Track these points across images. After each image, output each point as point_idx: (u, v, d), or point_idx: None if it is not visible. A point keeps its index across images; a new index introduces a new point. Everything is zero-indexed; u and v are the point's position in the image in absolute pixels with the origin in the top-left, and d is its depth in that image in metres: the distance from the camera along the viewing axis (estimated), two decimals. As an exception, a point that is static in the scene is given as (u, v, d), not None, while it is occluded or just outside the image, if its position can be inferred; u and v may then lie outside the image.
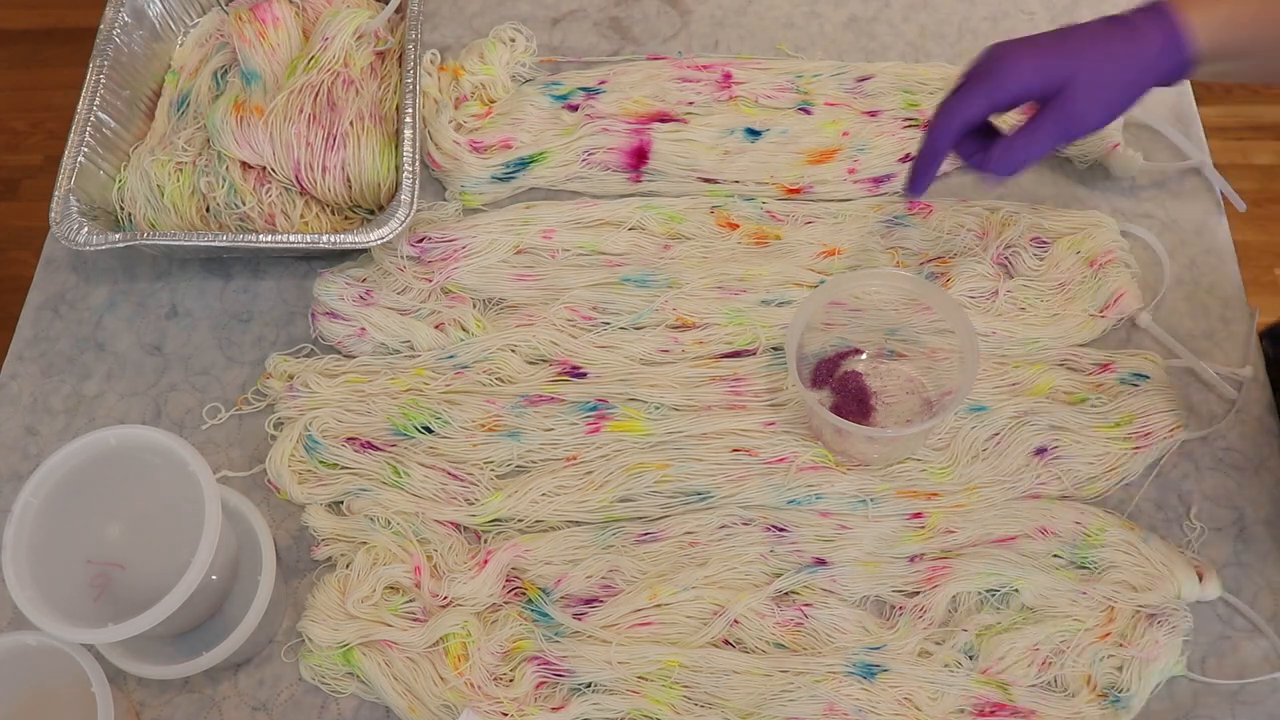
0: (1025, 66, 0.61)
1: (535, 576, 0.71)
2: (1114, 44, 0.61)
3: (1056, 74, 0.61)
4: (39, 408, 0.80)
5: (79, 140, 0.81)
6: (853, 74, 0.90)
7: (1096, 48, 0.61)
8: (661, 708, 0.67)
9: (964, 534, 0.72)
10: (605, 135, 0.86)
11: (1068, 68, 0.61)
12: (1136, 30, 0.61)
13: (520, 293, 0.81)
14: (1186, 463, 0.76)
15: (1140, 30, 0.61)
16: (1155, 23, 0.60)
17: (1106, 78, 0.61)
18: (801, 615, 0.70)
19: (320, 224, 0.83)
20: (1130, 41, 0.61)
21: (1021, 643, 0.68)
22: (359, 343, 0.79)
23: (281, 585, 0.70)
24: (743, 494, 0.73)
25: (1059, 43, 0.61)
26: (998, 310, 0.80)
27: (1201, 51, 0.60)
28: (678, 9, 0.97)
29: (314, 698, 0.70)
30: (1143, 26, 0.61)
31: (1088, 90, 0.61)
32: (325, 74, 0.81)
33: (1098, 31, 0.61)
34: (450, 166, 0.86)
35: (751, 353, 0.79)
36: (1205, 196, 0.86)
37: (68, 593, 0.60)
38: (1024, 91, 0.62)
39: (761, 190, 0.86)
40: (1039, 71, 0.61)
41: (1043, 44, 0.62)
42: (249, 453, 0.78)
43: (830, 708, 0.66)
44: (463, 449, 0.75)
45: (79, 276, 0.86)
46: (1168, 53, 0.60)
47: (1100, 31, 0.61)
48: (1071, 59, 0.61)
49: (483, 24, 0.96)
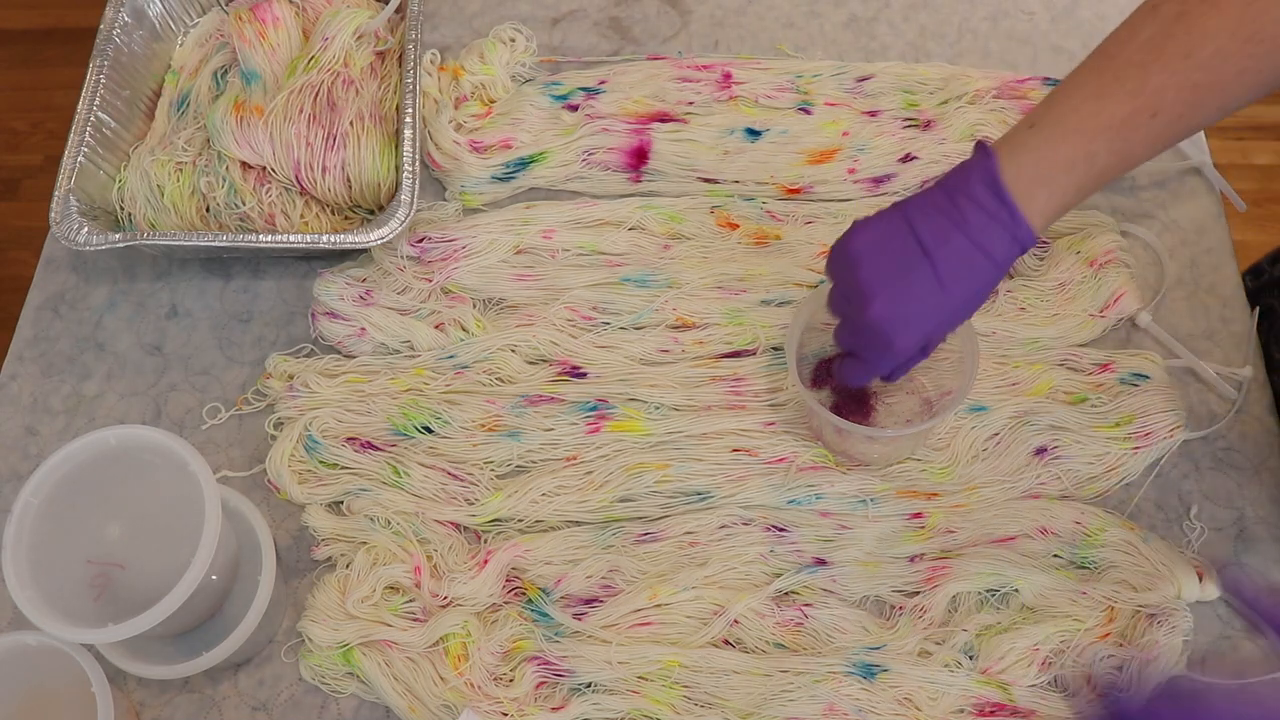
0: (908, 347, 0.62)
1: (535, 576, 0.71)
2: (985, 281, 0.61)
3: (936, 335, 0.64)
4: (39, 408, 0.80)
5: (79, 140, 0.81)
6: (853, 74, 0.90)
7: (961, 299, 0.61)
8: (661, 708, 0.67)
9: (964, 534, 0.72)
10: (605, 135, 0.86)
11: (942, 329, 0.63)
12: (994, 260, 0.60)
13: (520, 293, 0.81)
14: (1186, 463, 0.76)
15: (996, 258, 0.60)
16: (1007, 237, 0.60)
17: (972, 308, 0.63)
18: (801, 615, 0.70)
19: (320, 224, 0.83)
20: (996, 269, 0.60)
21: (1021, 643, 0.68)
22: (359, 343, 0.79)
23: (281, 585, 0.70)
24: (743, 494, 0.73)
25: (936, 304, 0.61)
26: (998, 310, 0.80)
27: (1038, 233, 0.61)
28: (678, 9, 0.97)
29: (314, 698, 0.70)
30: (1000, 253, 0.60)
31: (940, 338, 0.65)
32: (325, 74, 0.81)
33: (965, 265, 0.60)
34: (450, 166, 0.86)
35: (751, 353, 0.79)
36: (1205, 196, 0.86)
37: (68, 593, 0.60)
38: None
39: (761, 190, 0.86)
40: (923, 340, 0.63)
41: (919, 315, 0.61)
42: (249, 453, 0.78)
43: (830, 708, 0.66)
44: (463, 449, 0.75)
45: (79, 276, 0.86)
46: (1018, 255, 0.61)
47: (970, 264, 0.60)
48: (953, 319, 0.62)
49: (483, 24, 0.96)
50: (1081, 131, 0.59)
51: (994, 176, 0.59)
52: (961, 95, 0.87)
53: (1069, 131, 0.59)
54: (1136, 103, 0.58)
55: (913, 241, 0.61)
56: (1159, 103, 0.58)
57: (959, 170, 0.61)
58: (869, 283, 0.61)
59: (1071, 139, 0.59)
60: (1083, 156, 0.59)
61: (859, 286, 0.62)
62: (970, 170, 0.61)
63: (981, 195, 0.59)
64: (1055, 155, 0.59)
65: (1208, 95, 0.59)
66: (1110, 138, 0.59)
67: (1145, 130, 0.59)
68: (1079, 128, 0.59)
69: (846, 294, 0.64)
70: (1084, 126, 0.59)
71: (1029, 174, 0.59)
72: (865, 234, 0.63)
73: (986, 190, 0.59)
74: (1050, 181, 0.59)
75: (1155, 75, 0.58)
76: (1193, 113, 0.59)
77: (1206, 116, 0.60)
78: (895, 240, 0.61)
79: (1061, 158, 0.59)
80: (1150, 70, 0.58)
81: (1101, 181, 0.61)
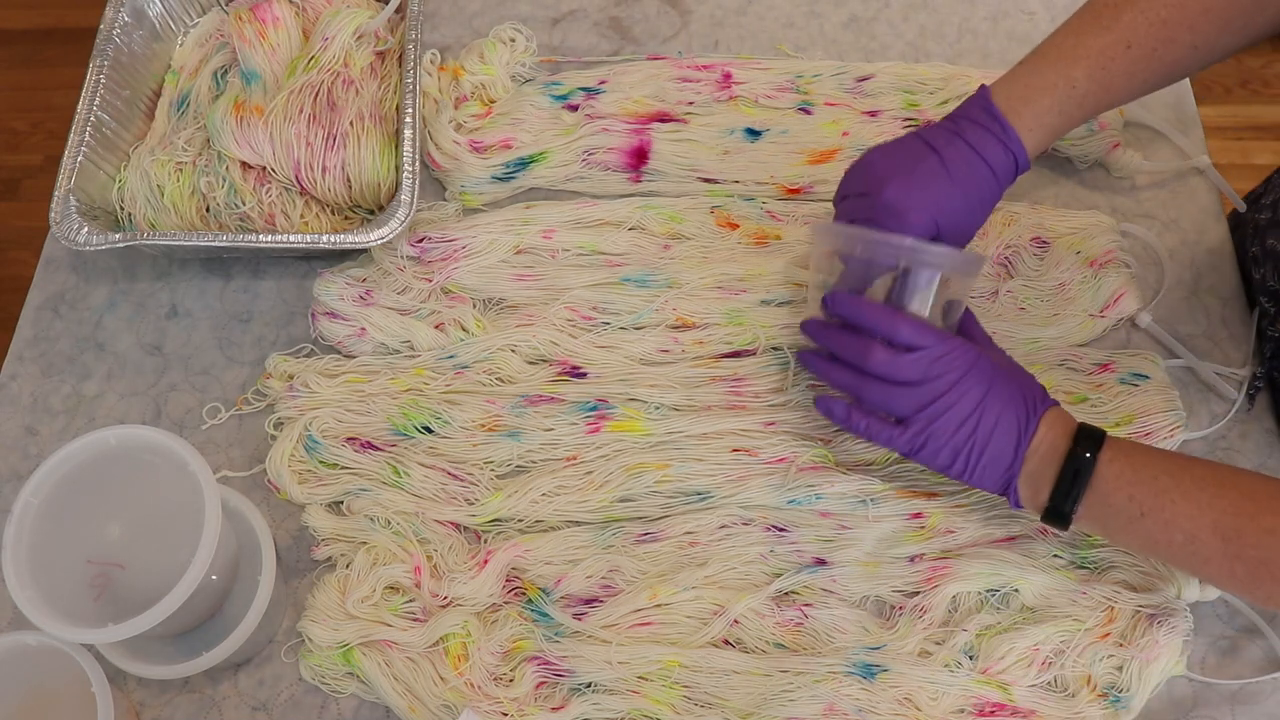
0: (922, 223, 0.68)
1: (535, 576, 0.71)
2: (984, 186, 0.70)
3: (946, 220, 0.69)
4: (39, 408, 0.80)
5: (79, 140, 0.81)
6: (853, 74, 0.90)
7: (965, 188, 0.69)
8: (661, 708, 0.67)
9: (964, 534, 0.72)
10: (605, 135, 0.86)
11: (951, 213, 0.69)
12: (990, 166, 0.69)
13: (520, 293, 0.81)
14: (1186, 463, 0.76)
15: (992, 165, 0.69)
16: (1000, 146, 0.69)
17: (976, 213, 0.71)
18: (801, 615, 0.70)
19: (320, 224, 0.83)
20: (993, 176, 0.70)
21: (1021, 643, 0.68)
22: (359, 343, 0.79)
23: (281, 585, 0.70)
24: (743, 494, 0.73)
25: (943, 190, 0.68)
26: (998, 310, 0.80)
27: (1031, 156, 0.70)
28: (678, 9, 0.97)
29: (314, 698, 0.70)
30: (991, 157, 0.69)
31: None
32: (325, 74, 0.81)
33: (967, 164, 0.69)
34: (450, 166, 0.86)
35: (751, 353, 0.79)
36: (1205, 196, 0.86)
37: (68, 593, 0.60)
38: None
39: (761, 190, 0.86)
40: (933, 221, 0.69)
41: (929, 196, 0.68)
42: (249, 453, 0.78)
43: (830, 708, 0.66)
44: (463, 449, 0.75)
45: (79, 276, 0.86)
46: (1014, 176, 0.71)
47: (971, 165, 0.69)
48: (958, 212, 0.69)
49: (483, 24, 0.96)
50: (1061, 60, 0.69)
51: (986, 99, 0.70)
52: (961, 95, 0.87)
53: (1050, 62, 0.69)
54: (1111, 35, 0.68)
55: (923, 145, 0.70)
56: (1132, 36, 0.68)
57: (959, 106, 0.72)
58: (884, 170, 0.69)
59: (1053, 66, 0.69)
60: (1063, 80, 0.69)
61: (876, 175, 0.69)
62: (968, 102, 0.71)
63: (976, 114, 0.70)
64: (1038, 80, 0.69)
65: (1177, 31, 0.68)
66: (1089, 65, 0.68)
67: (1122, 61, 0.68)
68: (1058, 58, 0.69)
69: (863, 191, 0.70)
70: (1063, 56, 0.69)
71: (1016, 94, 0.69)
72: (880, 148, 0.72)
73: (980, 110, 0.70)
74: (1033, 100, 0.69)
75: (1127, 12, 0.68)
76: (1165, 48, 0.68)
77: (1180, 53, 0.69)
78: (908, 145, 0.71)
79: (1044, 81, 0.69)
80: (1123, 9, 0.68)
81: (1084, 106, 0.70)
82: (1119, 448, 0.63)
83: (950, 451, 0.65)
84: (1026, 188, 0.87)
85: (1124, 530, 0.63)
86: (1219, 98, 1.94)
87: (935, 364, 0.64)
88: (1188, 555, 0.62)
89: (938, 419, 0.64)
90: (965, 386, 0.64)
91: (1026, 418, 0.64)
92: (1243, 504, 0.60)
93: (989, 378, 0.65)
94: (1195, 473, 0.61)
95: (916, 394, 0.64)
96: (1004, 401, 0.64)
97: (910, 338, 0.64)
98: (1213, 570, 0.62)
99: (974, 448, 0.64)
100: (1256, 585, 0.61)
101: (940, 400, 0.64)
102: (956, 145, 0.69)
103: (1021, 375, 0.67)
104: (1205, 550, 0.60)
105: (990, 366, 0.65)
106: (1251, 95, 1.95)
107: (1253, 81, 1.96)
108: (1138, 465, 0.62)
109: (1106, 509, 0.63)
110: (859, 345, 0.66)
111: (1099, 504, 0.63)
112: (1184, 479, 0.61)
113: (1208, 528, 0.60)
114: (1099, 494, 0.63)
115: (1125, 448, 0.63)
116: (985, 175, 0.69)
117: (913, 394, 0.65)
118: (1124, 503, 0.62)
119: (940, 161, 0.68)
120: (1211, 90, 1.95)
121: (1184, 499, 0.61)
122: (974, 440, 0.64)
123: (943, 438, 0.65)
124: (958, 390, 0.64)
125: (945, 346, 0.64)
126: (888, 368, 0.65)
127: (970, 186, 0.69)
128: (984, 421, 0.64)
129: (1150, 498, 0.61)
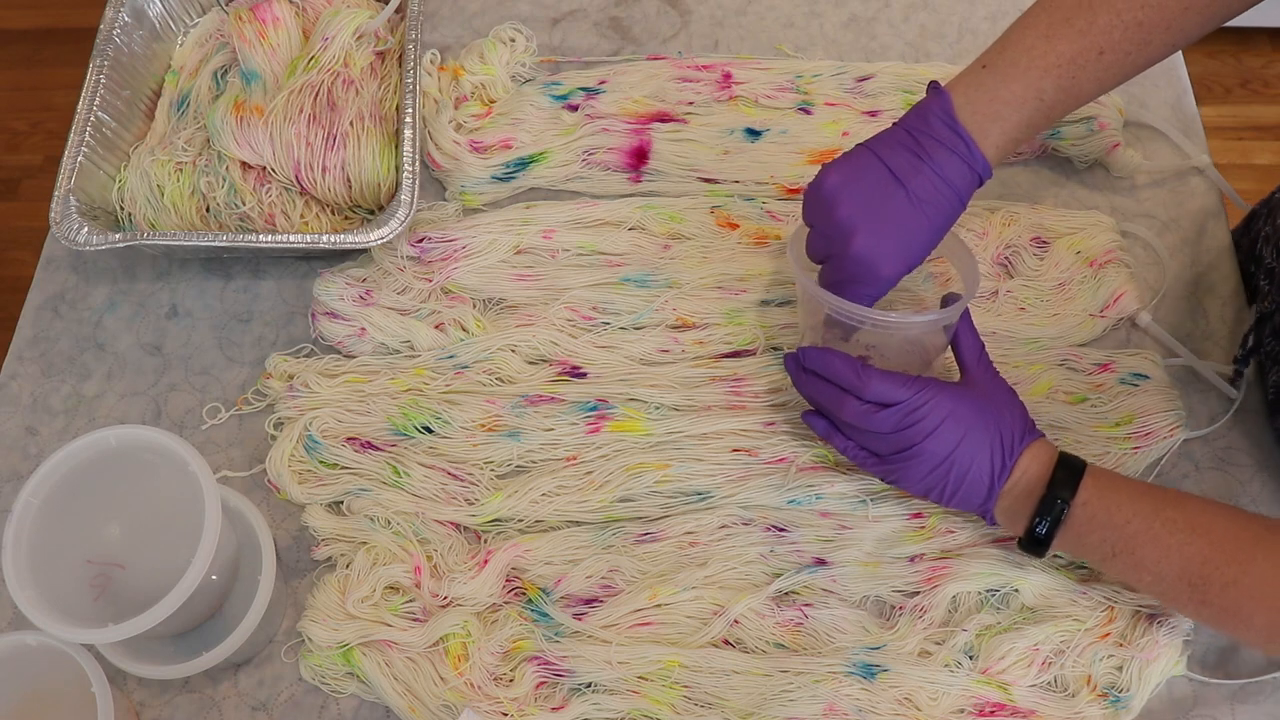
0: (893, 274, 0.65)
1: (535, 576, 0.71)
2: (949, 211, 0.65)
3: (917, 260, 0.65)
4: (39, 408, 0.80)
5: (79, 140, 0.81)
6: (853, 74, 0.90)
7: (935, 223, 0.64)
8: (661, 708, 0.67)
9: (964, 534, 0.72)
10: (605, 135, 0.86)
11: (922, 253, 0.65)
12: (956, 190, 0.64)
13: (520, 293, 0.81)
14: (1186, 463, 0.76)
15: (958, 188, 0.64)
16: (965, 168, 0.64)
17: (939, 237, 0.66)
18: (801, 615, 0.70)
19: (320, 224, 0.83)
20: (958, 199, 0.65)
21: (1021, 643, 0.68)
22: (359, 343, 0.79)
23: (281, 585, 0.70)
24: (743, 494, 0.73)
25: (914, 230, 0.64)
26: (998, 310, 0.80)
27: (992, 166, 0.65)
28: (678, 9, 0.97)
29: (314, 698, 0.70)
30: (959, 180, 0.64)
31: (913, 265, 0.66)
32: (325, 74, 0.81)
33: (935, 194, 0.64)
34: (450, 166, 0.86)
35: (751, 353, 0.79)
36: (1205, 196, 0.86)
37: (68, 593, 0.60)
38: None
39: (761, 190, 0.86)
40: (906, 267, 0.65)
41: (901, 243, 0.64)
42: (249, 453, 0.78)
43: (830, 708, 0.66)
44: (463, 449, 0.75)
45: (79, 276, 0.86)
46: (975, 186, 0.65)
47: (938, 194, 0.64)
48: (927, 245, 0.65)
49: (483, 24, 0.96)
50: (1030, 70, 0.63)
51: (950, 114, 0.64)
52: (961, 95, 0.87)
53: (1019, 71, 0.63)
54: (1084, 42, 0.62)
55: (885, 174, 0.64)
56: (1106, 41, 0.62)
57: (917, 110, 0.65)
58: (849, 218, 0.64)
59: (1021, 78, 0.63)
60: (1032, 94, 0.63)
61: (839, 224, 0.64)
62: (928, 109, 0.65)
63: (940, 132, 0.64)
64: (1005, 92, 0.63)
65: (1154, 33, 0.62)
66: (1058, 75, 0.63)
67: (1093, 68, 0.63)
68: (1028, 67, 0.63)
69: (827, 234, 0.66)
70: (1033, 65, 0.63)
71: (983, 111, 0.64)
72: (836, 174, 0.65)
73: (944, 127, 0.64)
74: (1002, 118, 0.64)
75: (1102, 14, 0.62)
76: (1141, 50, 0.63)
77: (1154, 53, 0.63)
78: (869, 174, 0.65)
79: (1012, 95, 0.63)
80: (1097, 10, 0.62)
81: (1051, 117, 0.65)
82: (1095, 487, 0.63)
83: (923, 488, 0.66)
84: (1027, 188, 0.87)
85: (1098, 564, 0.66)
86: (1219, 98, 1.95)
87: (908, 416, 0.64)
88: (1158, 593, 0.63)
89: (910, 461, 0.65)
90: (940, 434, 0.64)
91: (1002, 460, 0.65)
92: (1210, 552, 0.60)
93: (965, 424, 0.64)
94: (1166, 515, 0.62)
95: (889, 440, 0.65)
96: (978, 445, 0.64)
97: (879, 395, 0.64)
98: (1182, 609, 0.64)
99: (946, 487, 0.65)
100: (1223, 628, 0.62)
101: (913, 448, 0.64)
102: (923, 175, 0.64)
103: (1004, 408, 0.66)
104: (1173, 592, 0.62)
105: (969, 409, 0.65)
106: (1252, 95, 1.95)
107: (1253, 81, 1.96)
108: (1111, 508, 0.63)
109: (1080, 545, 0.65)
110: (834, 397, 0.66)
111: (1073, 540, 0.64)
112: (1155, 523, 0.61)
113: (1174, 574, 0.61)
114: (1073, 533, 0.64)
115: (1101, 486, 0.63)
116: (949, 201, 0.65)
117: (885, 440, 0.65)
118: (1097, 543, 0.63)
119: (907, 197, 0.64)
120: (1211, 90, 1.95)
121: (1153, 544, 0.61)
122: (946, 481, 0.65)
123: (915, 477, 0.66)
124: (932, 439, 0.64)
125: (919, 399, 0.64)
126: (861, 420, 0.65)
127: (940, 220, 0.65)
128: (957, 465, 0.64)
129: (1121, 541, 0.62)
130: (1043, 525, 0.63)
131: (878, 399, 0.65)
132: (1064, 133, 0.86)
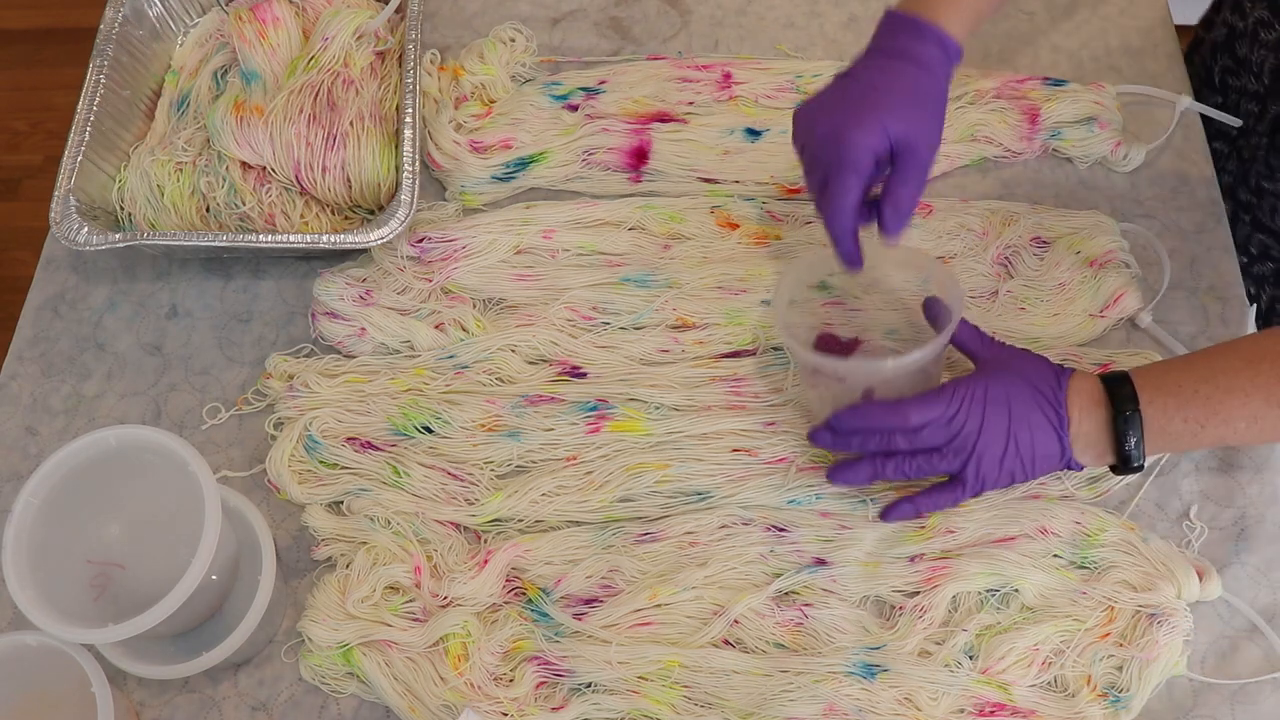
0: (870, 142, 0.67)
1: (535, 576, 0.71)
2: (920, 82, 0.69)
3: (894, 131, 0.68)
4: (39, 408, 0.80)
5: (79, 140, 0.81)
6: (853, 74, 0.90)
7: (907, 92, 0.69)
8: (661, 708, 0.67)
9: (964, 534, 0.72)
10: (605, 135, 0.86)
11: (900, 125, 0.68)
12: (919, 60, 0.69)
13: (520, 293, 0.81)
14: (1186, 463, 0.76)
15: (922, 59, 0.69)
16: (926, 42, 0.70)
17: (927, 116, 0.69)
18: (801, 615, 0.70)
19: (320, 224, 0.83)
20: (924, 72, 0.69)
21: (1021, 643, 0.68)
22: (359, 343, 0.79)
23: (281, 585, 0.70)
24: (743, 494, 0.73)
25: (878, 106, 0.68)
26: (998, 310, 0.80)
27: (962, 42, 0.71)
28: (678, 9, 0.97)
29: (314, 698, 0.70)
30: (920, 52, 0.69)
31: (922, 136, 0.69)
32: (325, 74, 0.81)
33: (899, 74, 0.69)
34: (450, 166, 0.86)
35: (751, 353, 0.79)
36: (1205, 196, 0.86)
37: (68, 593, 0.60)
38: (880, 160, 0.69)
39: (761, 190, 0.86)
40: (883, 136, 0.67)
41: (869, 111, 0.68)
42: (249, 453, 0.78)
43: (830, 708, 0.66)
44: (463, 449, 0.75)
45: (79, 276, 0.86)
46: (947, 61, 0.71)
47: (901, 73, 0.69)
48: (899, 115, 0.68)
49: (483, 24, 0.96)
50: None
51: (890, 13, 0.71)
52: (961, 95, 0.87)
53: None
54: None
55: (840, 78, 0.71)
56: None
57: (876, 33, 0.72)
58: (820, 115, 0.70)
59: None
60: None
61: (814, 126, 0.70)
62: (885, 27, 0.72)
63: (884, 34, 0.71)
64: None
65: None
66: None
67: None
68: None
69: (804, 142, 0.71)
70: None
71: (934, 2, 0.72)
72: (811, 99, 0.72)
73: (887, 28, 0.71)
74: None
75: None
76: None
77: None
78: (830, 85, 0.71)
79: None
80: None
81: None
82: (1150, 384, 0.66)
83: (1007, 476, 0.68)
84: (1027, 188, 0.87)
85: (1192, 443, 0.67)
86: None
87: (953, 422, 0.66)
88: (1257, 434, 0.65)
89: (981, 461, 0.67)
90: (990, 422, 0.66)
91: (1055, 412, 0.66)
92: (1276, 367, 0.64)
93: (1004, 401, 0.67)
94: (1220, 364, 0.65)
95: (949, 455, 0.67)
96: (1027, 409, 0.66)
97: (921, 419, 0.67)
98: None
99: (1021, 463, 0.67)
100: None
101: (975, 448, 0.66)
102: (875, 61, 0.70)
103: (1029, 368, 0.68)
104: (1271, 421, 0.64)
105: (999, 387, 0.67)
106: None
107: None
108: (1174, 390, 0.65)
109: (1167, 437, 0.66)
110: (883, 441, 0.68)
111: (1159, 436, 0.66)
112: (1218, 377, 0.65)
113: (1261, 404, 0.64)
114: (1156, 430, 0.66)
115: (1155, 380, 0.66)
116: (915, 73, 0.69)
117: (945, 456, 0.67)
118: (1181, 425, 0.66)
119: (866, 83, 0.69)
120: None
121: (1229, 395, 0.64)
122: (1020, 459, 0.67)
123: (994, 472, 0.67)
124: (985, 430, 0.66)
125: (955, 404, 0.67)
126: (916, 444, 0.67)
127: (903, 86, 0.69)
128: (1020, 439, 0.66)
129: (1201, 410, 0.65)
130: (1129, 441, 0.66)
131: (922, 423, 0.67)
132: (1065, 134, 0.86)
